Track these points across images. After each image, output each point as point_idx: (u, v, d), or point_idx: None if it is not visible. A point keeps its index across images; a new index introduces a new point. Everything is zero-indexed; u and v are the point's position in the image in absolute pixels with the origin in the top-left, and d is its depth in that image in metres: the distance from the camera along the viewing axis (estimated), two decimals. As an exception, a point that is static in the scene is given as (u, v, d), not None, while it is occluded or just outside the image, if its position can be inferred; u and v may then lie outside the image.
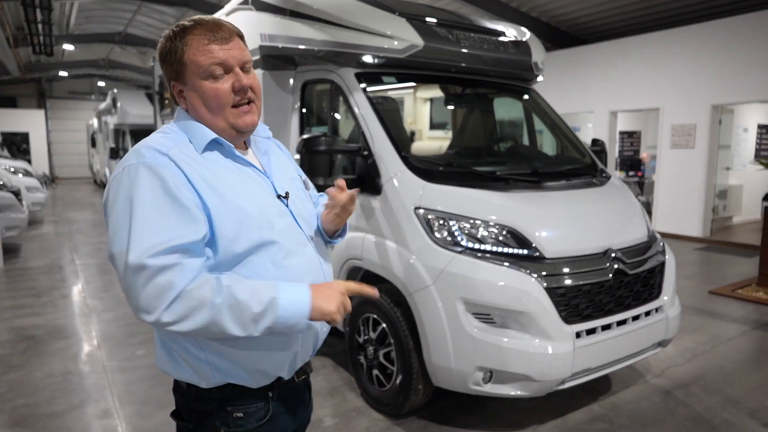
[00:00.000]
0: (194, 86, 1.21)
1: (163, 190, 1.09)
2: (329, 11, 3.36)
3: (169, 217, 1.08)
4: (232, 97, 1.22)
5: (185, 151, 1.19)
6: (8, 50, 14.17)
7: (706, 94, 8.69)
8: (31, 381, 3.55)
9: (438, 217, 2.81)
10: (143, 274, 1.04)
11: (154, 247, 1.04)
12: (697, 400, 3.33)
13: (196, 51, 1.19)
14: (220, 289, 1.07)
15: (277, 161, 1.41)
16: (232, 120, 1.23)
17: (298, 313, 1.13)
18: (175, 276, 1.05)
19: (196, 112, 1.25)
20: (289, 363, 1.29)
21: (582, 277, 2.72)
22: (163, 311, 1.04)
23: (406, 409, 3.00)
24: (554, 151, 4.21)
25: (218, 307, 1.06)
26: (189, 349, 1.21)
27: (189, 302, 1.05)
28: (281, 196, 1.30)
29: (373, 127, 3.15)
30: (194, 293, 1.05)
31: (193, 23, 1.22)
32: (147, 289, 1.04)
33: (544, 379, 2.59)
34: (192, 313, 1.05)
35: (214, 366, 1.21)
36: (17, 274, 6.56)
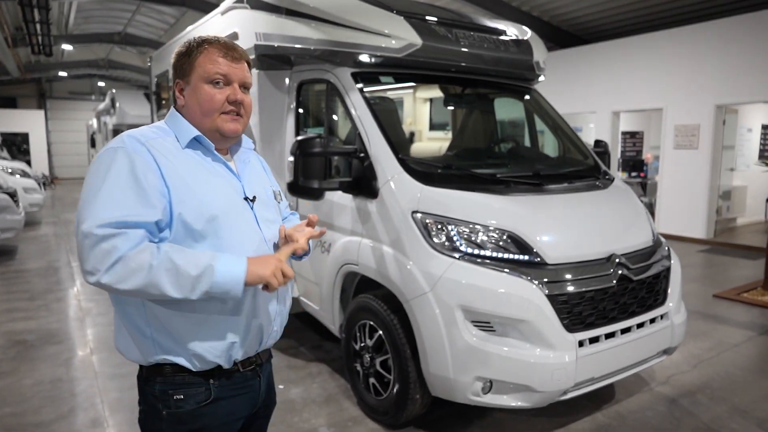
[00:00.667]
0: (196, 87, 1.38)
1: (130, 173, 1.24)
2: (326, 9, 3.27)
3: (128, 197, 1.22)
4: (224, 105, 1.38)
5: (166, 144, 1.34)
6: (7, 50, 14.12)
7: (709, 94, 8.59)
8: (20, 388, 3.47)
9: (436, 221, 2.72)
10: (90, 240, 1.17)
11: (106, 219, 1.18)
12: (703, 409, 3.23)
13: (207, 59, 1.37)
14: (158, 254, 1.20)
15: (253, 170, 1.55)
16: (219, 124, 1.38)
17: (234, 278, 1.25)
18: (118, 242, 1.18)
19: (190, 110, 1.40)
20: (226, 352, 1.36)
21: (585, 284, 2.63)
22: (104, 273, 1.17)
23: (403, 419, 2.91)
24: (556, 152, 4.12)
25: (155, 269, 1.18)
26: (137, 324, 1.33)
27: (129, 264, 1.17)
28: (248, 198, 1.44)
29: (369, 129, 3.07)
30: (134, 257, 1.18)
31: (215, 39, 1.41)
32: (93, 253, 1.17)
33: (545, 390, 2.50)
34: (131, 274, 1.17)
35: (157, 342, 1.32)
36: (12, 277, 6.48)
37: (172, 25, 15.91)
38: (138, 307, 1.32)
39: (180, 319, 1.31)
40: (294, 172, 2.89)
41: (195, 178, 1.33)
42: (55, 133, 23.58)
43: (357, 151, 3.06)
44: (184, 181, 1.30)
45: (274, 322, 1.49)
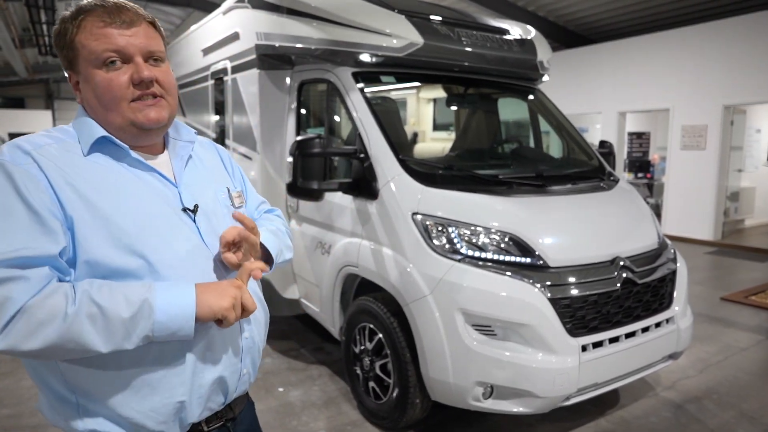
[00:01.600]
0: (87, 76, 1.05)
1: (14, 192, 0.93)
2: (326, 8, 3.24)
3: (17, 225, 0.91)
4: (130, 91, 1.05)
5: (62, 153, 1.02)
6: (15, 51, 14.21)
7: (717, 94, 8.49)
8: (18, 390, 3.45)
9: (436, 223, 2.68)
10: None
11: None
12: (710, 415, 3.17)
13: (89, 34, 1.03)
14: (75, 297, 0.90)
15: (198, 170, 1.22)
16: (130, 115, 1.05)
17: (180, 315, 0.96)
18: (14, 289, 0.87)
19: (90, 106, 1.08)
20: (174, 415, 1.05)
21: (588, 287, 2.58)
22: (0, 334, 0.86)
23: (403, 423, 2.87)
24: (560, 153, 4.06)
25: (72, 318, 0.88)
26: (54, 387, 1.02)
27: (34, 317, 0.87)
28: (188, 209, 1.11)
29: (369, 129, 3.03)
30: (41, 305, 0.88)
31: (92, 4, 1.05)
32: None
33: (547, 396, 2.45)
34: (38, 330, 0.87)
35: (83, 408, 1.01)
36: (16, 277, 6.49)
37: (178, 26, 15.95)
38: (50, 366, 1.02)
39: (104, 379, 1.00)
40: (293, 173, 2.86)
41: (103, 194, 1.00)
42: (62, 133, 23.72)
43: (357, 152, 3.02)
44: (89, 201, 0.98)
45: (243, 363, 1.16)
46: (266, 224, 1.35)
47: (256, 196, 1.45)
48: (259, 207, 1.44)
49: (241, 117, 4.13)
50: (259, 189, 3.83)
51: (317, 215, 3.44)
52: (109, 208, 0.99)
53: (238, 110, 4.21)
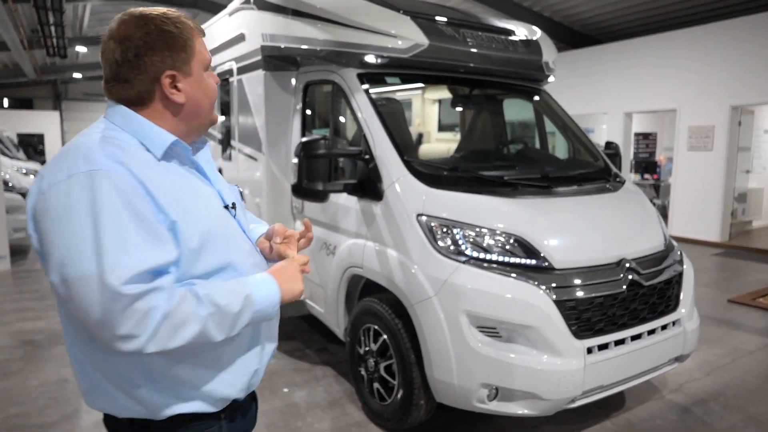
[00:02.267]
0: (199, 78, 1.15)
1: (125, 204, 0.97)
2: (332, 10, 3.25)
3: (137, 237, 0.97)
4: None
5: (139, 158, 1.06)
6: (23, 52, 14.31)
7: (724, 94, 8.43)
8: (26, 389, 3.48)
9: (441, 224, 2.67)
10: (121, 302, 0.94)
11: (129, 271, 0.94)
12: (717, 419, 3.15)
13: (199, 42, 1.16)
14: (200, 300, 1.02)
15: (214, 169, 1.30)
16: (211, 116, 1.22)
17: (271, 303, 1.14)
18: (154, 299, 0.96)
19: (188, 108, 1.15)
20: (249, 381, 1.23)
21: (594, 289, 2.57)
22: (149, 339, 0.96)
23: (407, 424, 2.87)
24: (566, 154, 4.05)
25: (204, 319, 1.02)
26: (132, 380, 1.08)
27: (174, 321, 0.98)
28: (228, 206, 1.23)
29: (374, 130, 3.03)
30: (177, 312, 0.98)
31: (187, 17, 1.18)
32: (126, 316, 0.94)
33: (552, 398, 2.44)
34: (178, 332, 0.99)
35: (164, 395, 1.10)
36: (24, 276, 6.54)
37: (184, 26, 16.04)
38: (132, 363, 1.08)
39: (193, 365, 1.11)
40: (298, 174, 2.86)
41: (186, 195, 1.10)
42: (70, 134, 23.84)
43: (362, 153, 3.02)
44: (181, 203, 1.06)
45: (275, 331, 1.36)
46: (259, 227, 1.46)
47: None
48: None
49: (247, 118, 4.14)
50: (264, 190, 3.84)
51: (322, 216, 3.44)
52: (197, 210, 1.09)
53: (243, 111, 4.22)
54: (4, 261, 6.83)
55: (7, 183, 7.36)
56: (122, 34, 1.10)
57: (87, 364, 1.11)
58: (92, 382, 1.12)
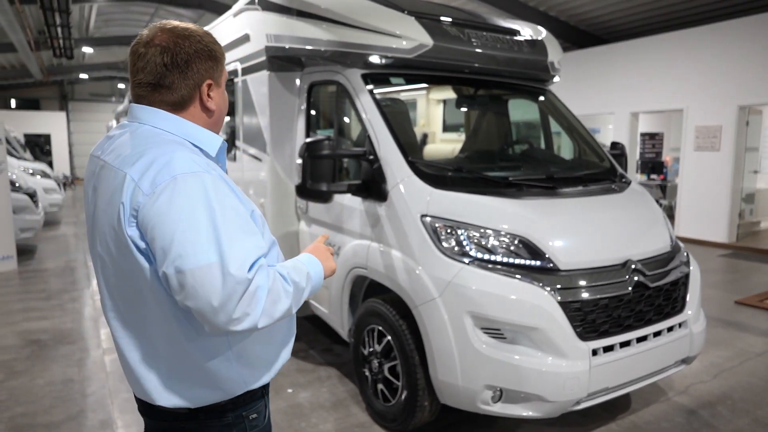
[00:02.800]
0: (222, 91, 1.30)
1: (231, 200, 1.13)
2: (336, 10, 3.25)
3: (249, 227, 1.14)
4: None
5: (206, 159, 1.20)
6: (30, 53, 14.39)
7: (732, 94, 8.37)
8: (32, 388, 3.50)
9: (446, 225, 2.67)
10: (243, 286, 1.05)
11: (250, 259, 1.08)
12: (723, 422, 3.12)
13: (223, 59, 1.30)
14: (285, 278, 1.17)
15: None
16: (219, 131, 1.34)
17: (320, 279, 1.31)
18: (259, 278, 1.08)
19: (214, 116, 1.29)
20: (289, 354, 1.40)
21: (599, 291, 2.55)
22: (260, 315, 1.08)
23: (411, 426, 2.86)
24: (571, 154, 4.03)
25: (290, 294, 1.16)
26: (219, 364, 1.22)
27: (272, 297, 1.11)
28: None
29: (379, 131, 3.02)
30: (274, 290, 1.11)
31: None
32: (244, 299, 1.05)
33: (557, 400, 2.42)
34: (275, 307, 1.11)
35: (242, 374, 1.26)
36: (30, 276, 6.58)
37: (189, 27, 16.09)
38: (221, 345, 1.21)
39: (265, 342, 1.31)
40: (302, 175, 2.87)
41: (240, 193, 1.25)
42: (76, 134, 23.98)
43: (366, 154, 3.02)
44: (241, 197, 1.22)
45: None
46: None
47: None
48: None
49: (251, 118, 4.15)
50: (268, 190, 3.84)
51: (326, 217, 3.44)
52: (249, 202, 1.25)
53: (248, 112, 4.22)
54: (11, 261, 6.88)
55: (14, 183, 7.39)
56: (170, 42, 1.19)
57: (172, 358, 1.20)
58: (171, 376, 1.21)
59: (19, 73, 19.22)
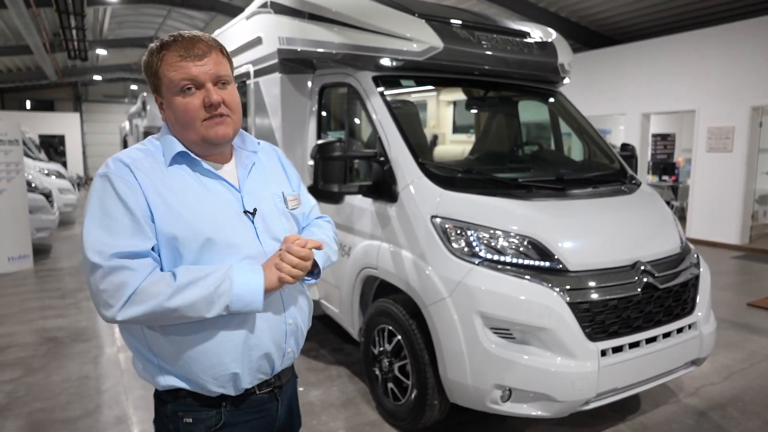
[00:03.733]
0: (169, 101, 1.26)
1: (117, 199, 1.17)
2: (347, 13, 3.29)
3: (120, 226, 1.16)
4: (202, 112, 1.24)
5: (152, 164, 1.24)
6: (45, 56, 14.61)
7: (745, 95, 8.30)
8: (49, 385, 3.57)
9: (455, 226, 2.69)
10: (99, 272, 1.13)
11: (109, 250, 1.13)
12: (734, 424, 3.11)
13: (169, 66, 1.23)
14: (171, 280, 1.15)
15: (260, 175, 1.41)
16: (203, 132, 1.25)
17: (253, 289, 1.20)
18: (128, 276, 1.13)
19: (171, 124, 1.29)
20: (230, 381, 1.28)
21: (608, 292, 2.57)
22: (119, 309, 1.13)
23: (421, 424, 2.89)
24: (581, 156, 4.04)
25: (169, 294, 1.13)
26: (140, 350, 1.29)
27: (142, 296, 1.13)
28: (248, 211, 1.31)
29: (389, 132, 3.06)
30: (147, 290, 1.13)
31: (171, 39, 1.25)
32: (104, 286, 1.13)
33: (566, 400, 2.44)
34: (144, 305, 1.13)
35: (163, 369, 1.27)
36: (46, 275, 6.70)
37: (201, 29, 16.23)
38: (137, 334, 1.27)
39: (178, 346, 1.24)
40: (314, 176, 2.91)
41: (180, 198, 1.23)
42: (89, 135, 24.31)
43: (377, 155, 3.06)
44: (169, 204, 1.21)
45: (287, 343, 1.36)
46: (316, 232, 1.51)
47: (309, 200, 1.59)
48: (311, 212, 1.58)
49: (263, 120, 4.20)
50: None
51: (337, 218, 3.48)
52: (185, 211, 1.22)
53: (260, 113, 4.28)
54: (27, 260, 7.01)
55: (30, 183, 7.53)
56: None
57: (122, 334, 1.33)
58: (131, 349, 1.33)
59: (34, 75, 19.52)
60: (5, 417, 3.14)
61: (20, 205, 6.90)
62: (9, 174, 6.73)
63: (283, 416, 1.44)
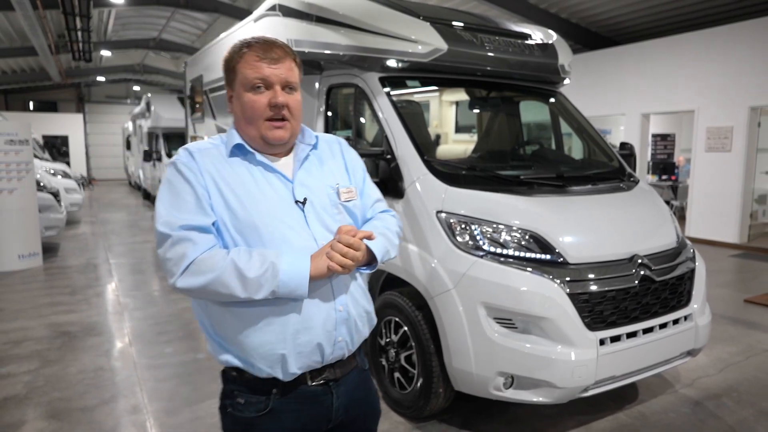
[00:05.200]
0: (239, 95, 1.38)
1: (183, 180, 1.32)
2: (354, 16, 3.40)
3: (187, 203, 1.30)
4: (266, 111, 1.36)
5: (215, 154, 1.38)
6: (50, 57, 14.74)
7: (743, 95, 8.41)
8: (66, 376, 3.69)
9: (460, 221, 2.81)
10: (166, 241, 1.27)
11: (173, 222, 1.27)
12: (728, 413, 3.22)
13: (246, 64, 1.35)
14: (225, 257, 1.26)
15: (315, 167, 1.48)
16: (263, 131, 1.37)
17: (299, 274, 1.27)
18: (188, 248, 1.25)
19: (237, 116, 1.41)
20: (279, 364, 1.33)
21: (607, 284, 2.68)
22: (179, 277, 1.25)
23: (426, 412, 3.00)
24: (581, 155, 4.15)
25: (221, 270, 1.23)
26: (208, 329, 1.41)
27: (199, 267, 1.24)
28: (298, 201, 1.39)
29: (396, 131, 3.17)
30: (204, 262, 1.25)
31: (254, 41, 1.38)
32: (169, 254, 1.26)
33: (566, 386, 2.55)
34: (201, 276, 1.24)
35: (223, 347, 1.37)
36: (55, 273, 6.81)
37: (204, 30, 16.36)
38: (205, 310, 1.39)
39: (234, 323, 1.33)
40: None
41: (232, 187, 1.33)
42: (92, 135, 24.45)
43: (384, 153, 3.17)
44: (221, 190, 1.32)
45: (338, 332, 1.38)
46: (378, 225, 1.53)
47: (374, 194, 1.62)
48: (374, 205, 1.61)
49: (272, 120, 4.30)
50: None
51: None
52: (231, 196, 1.34)
53: (268, 113, 4.39)
54: (36, 258, 7.13)
55: (39, 183, 7.65)
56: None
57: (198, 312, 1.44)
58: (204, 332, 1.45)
59: (38, 76, 19.65)
60: (26, 405, 3.26)
61: (30, 204, 7.02)
62: (19, 173, 6.85)
63: (342, 411, 1.44)
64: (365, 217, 1.56)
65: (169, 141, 13.15)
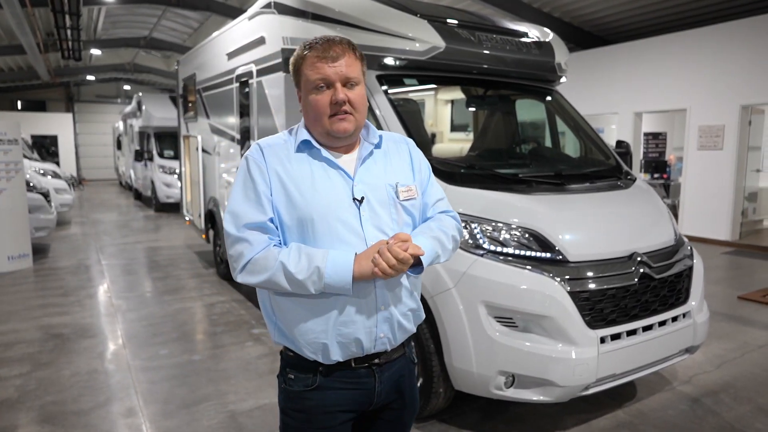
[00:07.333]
0: (305, 95, 1.44)
1: (249, 177, 1.42)
2: (351, 14, 3.37)
3: (249, 199, 1.40)
4: (329, 109, 1.40)
5: (283, 149, 1.45)
6: (39, 56, 14.56)
7: (735, 94, 8.48)
8: (59, 379, 3.63)
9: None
10: (230, 239, 1.40)
11: (237, 222, 1.39)
12: (726, 409, 3.24)
13: (308, 66, 1.41)
14: (276, 258, 1.35)
15: (377, 165, 1.50)
16: (328, 126, 1.41)
17: (342, 276, 1.33)
18: (246, 249, 1.37)
19: (306, 117, 1.48)
20: (321, 351, 1.43)
21: (606, 282, 2.67)
22: (239, 272, 1.39)
23: (426, 412, 2.98)
24: (578, 153, 4.15)
25: (273, 271, 1.34)
26: (268, 312, 1.53)
27: (255, 267, 1.36)
28: (356, 199, 1.42)
29: (393, 129, 3.14)
30: (259, 261, 1.35)
31: (314, 42, 1.42)
32: (231, 252, 1.40)
33: (567, 385, 2.54)
34: (257, 275, 1.36)
35: (279, 329, 1.50)
36: (46, 274, 6.72)
37: (195, 29, 16.24)
38: (265, 294, 1.51)
39: (287, 310, 1.45)
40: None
41: (294, 181, 1.40)
42: (82, 135, 24.20)
43: (382, 152, 3.14)
44: (284, 184, 1.40)
45: (379, 329, 1.44)
46: (433, 226, 1.52)
47: (436, 194, 1.61)
48: (435, 205, 1.60)
49: (266, 119, 4.27)
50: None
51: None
52: (292, 189, 1.41)
53: (263, 112, 4.35)
54: (26, 259, 7.03)
55: (29, 183, 7.54)
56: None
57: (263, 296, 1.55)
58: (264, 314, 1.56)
59: (26, 75, 19.41)
60: (18, 410, 3.20)
61: (20, 205, 6.92)
62: (9, 173, 6.75)
63: (384, 394, 1.51)
64: (425, 216, 1.57)
65: (160, 141, 13.02)
